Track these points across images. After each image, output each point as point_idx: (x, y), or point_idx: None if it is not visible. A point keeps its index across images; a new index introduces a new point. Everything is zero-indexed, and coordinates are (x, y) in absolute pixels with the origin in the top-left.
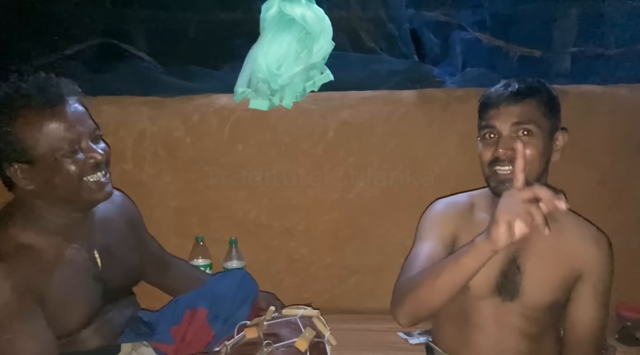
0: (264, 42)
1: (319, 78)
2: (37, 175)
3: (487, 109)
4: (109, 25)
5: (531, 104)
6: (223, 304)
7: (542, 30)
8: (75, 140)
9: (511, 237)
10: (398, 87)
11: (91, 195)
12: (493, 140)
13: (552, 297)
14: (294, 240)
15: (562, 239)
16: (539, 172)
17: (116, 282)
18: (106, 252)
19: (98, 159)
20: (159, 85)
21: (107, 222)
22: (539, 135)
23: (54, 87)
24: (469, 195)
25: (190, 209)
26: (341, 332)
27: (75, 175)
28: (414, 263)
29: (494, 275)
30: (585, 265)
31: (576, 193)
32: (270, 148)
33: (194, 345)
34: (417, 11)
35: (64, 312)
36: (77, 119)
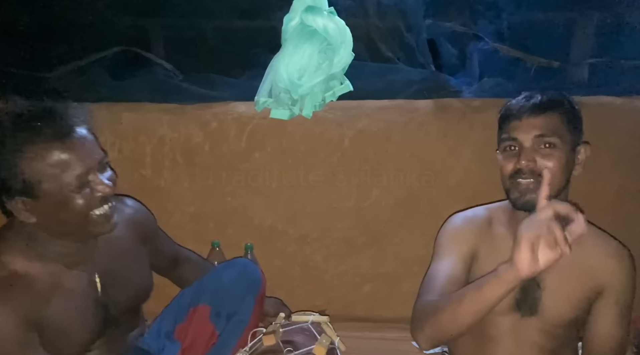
0: (285, 52)
1: (339, 88)
2: (41, 209)
3: (508, 121)
4: (131, 34)
5: (554, 116)
6: (225, 298)
7: (560, 41)
8: (83, 174)
9: (536, 264)
10: (415, 97)
11: (97, 229)
12: (514, 152)
13: (572, 313)
14: (308, 247)
15: (583, 253)
16: (561, 186)
17: (120, 305)
18: (109, 276)
19: (106, 192)
20: (179, 93)
21: (111, 243)
22: (562, 148)
23: (62, 116)
24: (487, 209)
25: (207, 215)
26: (355, 340)
27: (82, 210)
28: (433, 283)
29: (514, 292)
30: (607, 280)
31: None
32: (286, 155)
33: (197, 347)
34: (435, 21)
35: (62, 340)
36: (86, 151)
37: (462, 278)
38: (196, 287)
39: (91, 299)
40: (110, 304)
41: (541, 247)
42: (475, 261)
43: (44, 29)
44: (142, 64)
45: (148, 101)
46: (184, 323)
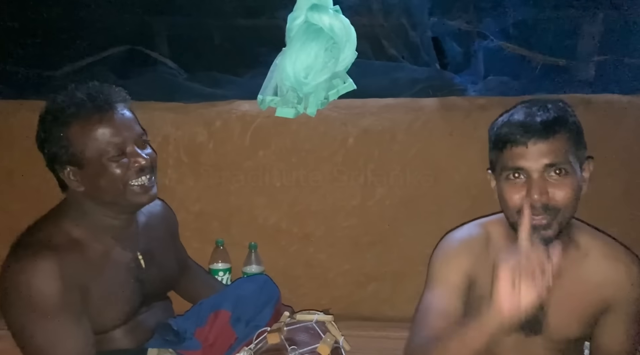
0: (292, 51)
1: (343, 87)
2: (86, 177)
3: (510, 146)
4: (135, 32)
5: (562, 138)
6: (245, 306)
7: (566, 39)
8: (120, 145)
9: (518, 302)
10: (420, 95)
11: (136, 198)
12: (520, 181)
13: (578, 331)
14: (312, 246)
15: (587, 267)
16: (573, 212)
17: (154, 285)
18: (149, 255)
19: (142, 164)
20: (183, 91)
21: (149, 228)
22: (572, 172)
23: (103, 94)
24: (482, 225)
25: (212, 214)
26: (359, 339)
27: (120, 179)
28: (427, 319)
29: None
30: (615, 295)
31: (600, 203)
32: (291, 154)
33: (217, 347)
34: (440, 19)
35: (104, 309)
36: (123, 125)
37: (454, 312)
38: (217, 296)
39: (133, 273)
40: (147, 282)
41: (523, 281)
42: (473, 286)
43: (49, 27)
44: (147, 62)
45: (152, 100)
46: (204, 327)
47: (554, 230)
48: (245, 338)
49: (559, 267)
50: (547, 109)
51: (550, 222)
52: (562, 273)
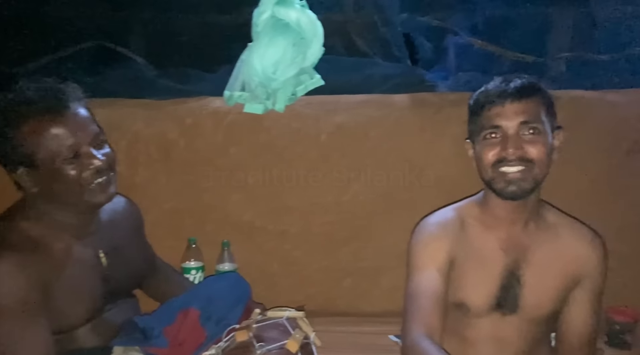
0: (259, 46)
1: (311, 82)
2: (40, 178)
3: (487, 107)
4: (104, 28)
5: (536, 101)
6: (216, 305)
7: (535, 36)
8: (74, 146)
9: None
10: (391, 91)
11: (93, 198)
12: (496, 140)
13: (551, 307)
14: (288, 242)
15: (559, 244)
16: (546, 172)
17: (119, 282)
18: (112, 253)
19: (98, 165)
20: (154, 88)
21: (112, 225)
22: (545, 133)
23: (57, 93)
24: (455, 209)
25: (185, 211)
26: (335, 335)
27: (75, 181)
28: (418, 304)
29: (494, 292)
30: (584, 269)
31: (568, 196)
32: (264, 151)
33: (187, 346)
34: (410, 15)
35: (67, 308)
36: (77, 125)
37: (443, 291)
38: (187, 295)
39: (97, 271)
40: (112, 280)
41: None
42: (453, 267)
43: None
44: (117, 59)
45: (122, 97)
46: (173, 325)
47: (529, 183)
48: (215, 336)
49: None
50: (521, 78)
51: (526, 175)
52: (535, 250)
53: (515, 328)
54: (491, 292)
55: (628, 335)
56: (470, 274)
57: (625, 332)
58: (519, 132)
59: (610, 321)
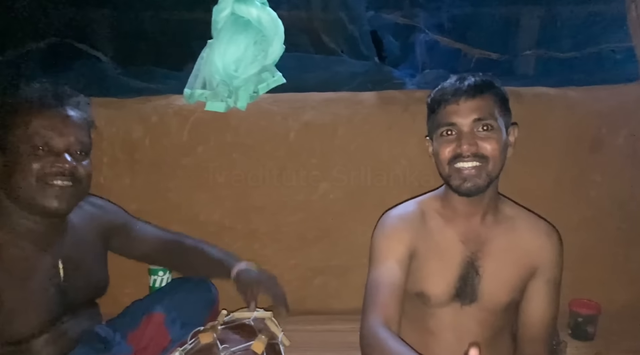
0: (220, 43)
1: (272, 80)
2: (5, 164)
3: (443, 105)
4: (65, 24)
5: (489, 98)
6: (181, 307)
7: (500, 34)
8: (49, 141)
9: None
10: (359, 89)
11: (45, 200)
12: (452, 137)
13: (509, 297)
14: (257, 242)
15: (516, 236)
16: (500, 168)
17: (78, 293)
18: (72, 263)
19: (63, 167)
20: (117, 86)
21: (78, 232)
22: (498, 130)
23: (57, 94)
24: (417, 203)
25: (151, 212)
26: (306, 333)
27: (35, 173)
28: (376, 294)
29: (453, 282)
30: (540, 260)
31: (531, 192)
32: (231, 150)
33: (151, 350)
34: (377, 13)
35: (18, 317)
36: (61, 126)
37: (401, 283)
38: (151, 298)
39: (52, 282)
40: (70, 290)
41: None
42: (414, 258)
43: None
44: (78, 56)
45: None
46: (137, 330)
47: (484, 180)
48: (180, 339)
49: (491, 236)
50: (475, 76)
51: (480, 172)
52: (493, 242)
53: (474, 318)
54: (450, 282)
55: (590, 327)
56: (431, 264)
57: (588, 324)
58: (473, 129)
59: (573, 314)
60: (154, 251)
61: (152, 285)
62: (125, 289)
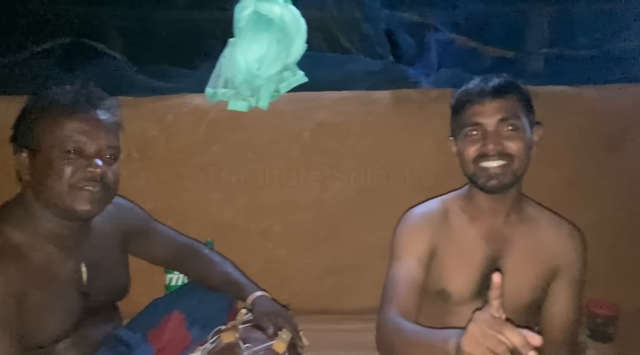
0: (243, 42)
1: (294, 79)
2: (36, 167)
3: (468, 106)
4: (81, 23)
5: (513, 98)
6: (201, 308)
7: (515, 32)
8: (80, 145)
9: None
10: (373, 88)
11: (74, 204)
12: (477, 137)
13: (531, 296)
14: (270, 241)
15: (539, 235)
16: (525, 167)
17: (100, 297)
18: (95, 266)
19: (93, 173)
20: (132, 85)
21: (100, 234)
22: (523, 129)
23: (89, 97)
24: (441, 201)
25: (165, 211)
26: (318, 333)
27: (65, 179)
28: (395, 289)
29: (475, 280)
30: (563, 261)
31: (545, 193)
32: (245, 149)
33: (171, 350)
34: (392, 12)
35: (42, 321)
36: (93, 130)
37: (420, 280)
38: (169, 297)
39: (75, 286)
40: (91, 294)
41: (484, 348)
42: (434, 256)
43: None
44: (94, 55)
45: None
46: (157, 329)
47: (509, 178)
48: (200, 339)
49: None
50: (499, 76)
51: (506, 170)
52: (516, 241)
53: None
54: (472, 279)
55: (610, 328)
56: (452, 262)
57: (607, 325)
58: (498, 129)
59: (592, 315)
60: (170, 259)
61: (168, 284)
62: (141, 288)
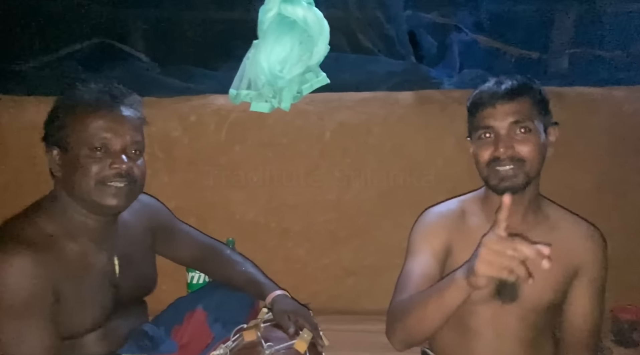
0: (266, 44)
1: (316, 81)
2: (66, 164)
3: (481, 108)
4: (107, 25)
5: (526, 101)
6: (222, 306)
7: (540, 32)
8: (107, 142)
9: (491, 278)
10: (395, 89)
11: (102, 199)
12: (489, 139)
13: (551, 297)
14: (291, 240)
15: (557, 235)
16: (538, 169)
17: (129, 290)
18: (125, 260)
19: (120, 168)
20: (156, 86)
21: (129, 229)
22: (536, 131)
23: (113, 94)
24: (459, 201)
25: (188, 210)
26: (338, 333)
27: (93, 176)
28: (407, 282)
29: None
30: (582, 261)
31: (573, 196)
32: (267, 149)
33: (193, 347)
34: (415, 12)
35: (75, 312)
36: (118, 126)
37: (435, 275)
38: (192, 295)
39: (108, 277)
40: (122, 287)
41: (498, 266)
42: (450, 255)
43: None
44: (119, 56)
45: None
46: (181, 326)
47: (521, 180)
48: (222, 337)
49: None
50: (513, 78)
51: (517, 172)
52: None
53: (515, 317)
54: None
55: (635, 334)
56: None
57: (632, 330)
58: (510, 132)
59: (616, 320)
60: (192, 259)
61: (189, 282)
62: (162, 285)
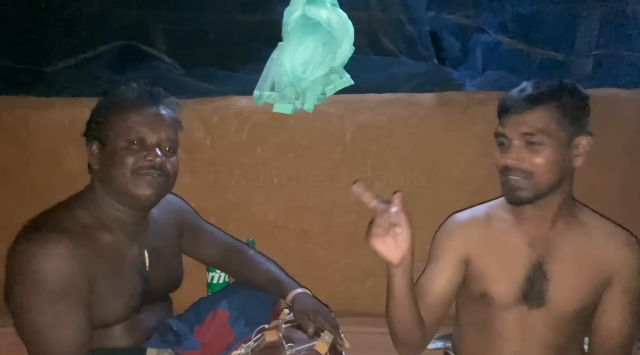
0: (289, 45)
1: (340, 82)
2: (104, 157)
3: (501, 115)
4: (131, 28)
5: (544, 111)
6: (245, 306)
7: (564, 33)
8: (143, 136)
9: (395, 249)
10: (417, 90)
11: (136, 188)
12: (504, 147)
13: (579, 304)
14: (310, 242)
15: (590, 242)
16: (552, 181)
17: (158, 284)
18: (155, 254)
19: (155, 161)
20: (179, 87)
21: (159, 225)
22: (551, 144)
23: (152, 93)
24: (487, 206)
25: (209, 210)
26: (357, 335)
27: (129, 167)
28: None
29: (519, 283)
30: (615, 269)
31: (600, 197)
32: (288, 150)
33: (215, 346)
34: (437, 13)
35: (107, 302)
36: (154, 122)
37: (448, 281)
38: (214, 295)
39: (138, 269)
40: (151, 281)
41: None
42: (475, 260)
43: (43, 22)
44: (143, 58)
45: None
46: (203, 326)
47: (529, 192)
48: (244, 336)
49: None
50: (538, 84)
51: (525, 185)
52: (564, 247)
53: (543, 323)
54: (515, 283)
55: None
56: (494, 266)
57: None
58: (521, 143)
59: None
60: (216, 258)
61: (209, 282)
62: (183, 284)
